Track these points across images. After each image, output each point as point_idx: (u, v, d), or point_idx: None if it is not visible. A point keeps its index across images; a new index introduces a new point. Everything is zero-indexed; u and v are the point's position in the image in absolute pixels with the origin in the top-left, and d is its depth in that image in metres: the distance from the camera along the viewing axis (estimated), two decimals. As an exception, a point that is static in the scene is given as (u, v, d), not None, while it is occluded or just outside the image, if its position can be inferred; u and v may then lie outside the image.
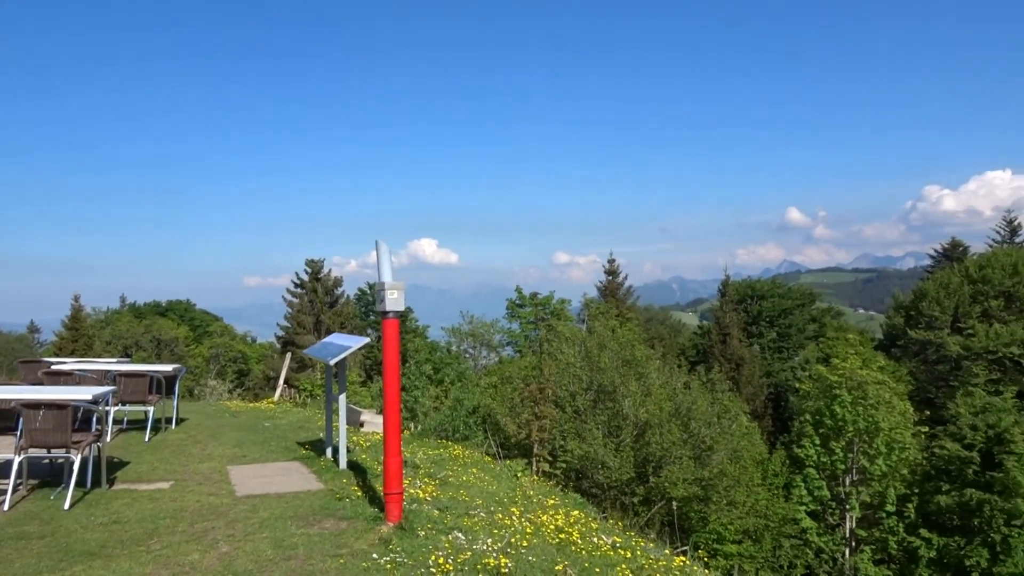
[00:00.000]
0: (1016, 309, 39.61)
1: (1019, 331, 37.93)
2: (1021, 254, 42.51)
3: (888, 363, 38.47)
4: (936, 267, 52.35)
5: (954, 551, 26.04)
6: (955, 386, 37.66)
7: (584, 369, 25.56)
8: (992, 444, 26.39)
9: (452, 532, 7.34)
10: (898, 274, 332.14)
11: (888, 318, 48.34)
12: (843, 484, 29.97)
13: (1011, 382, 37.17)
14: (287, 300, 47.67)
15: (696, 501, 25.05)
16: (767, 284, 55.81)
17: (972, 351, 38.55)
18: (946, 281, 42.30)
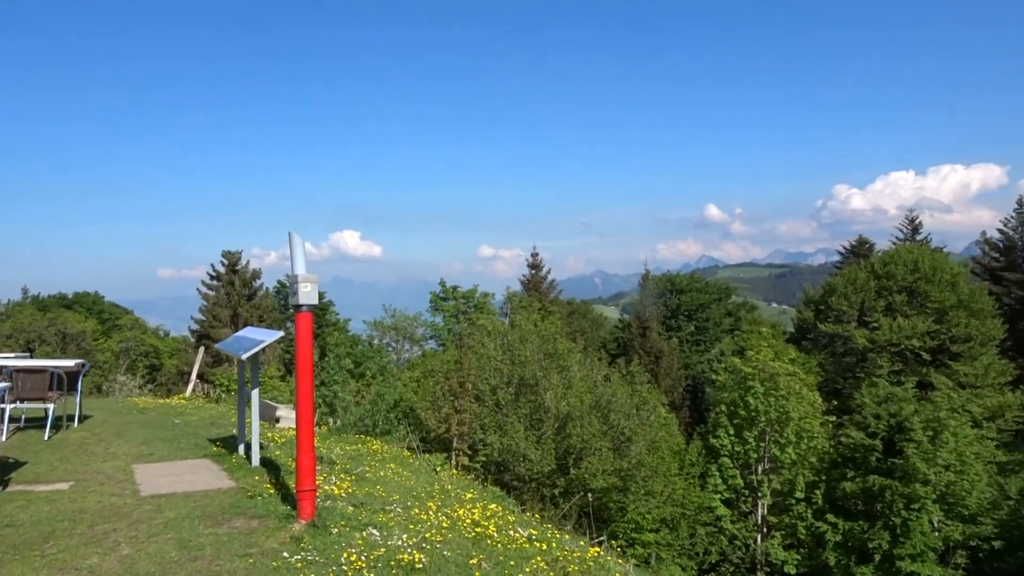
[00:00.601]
0: (917, 304, 41.59)
1: (920, 325, 39.88)
2: (922, 251, 44.64)
3: (799, 355, 39.86)
4: (844, 263, 54.54)
5: (858, 535, 27.23)
6: (861, 377, 39.35)
7: (506, 362, 25.61)
8: (894, 432, 27.67)
9: (366, 528, 7.23)
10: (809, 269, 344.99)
11: (799, 312, 50.12)
12: (755, 472, 30.99)
13: (912, 373, 39.05)
14: (202, 293, 46.21)
15: (615, 491, 25.46)
16: (686, 279, 57.10)
17: (877, 344, 40.35)
18: (853, 277, 44.09)
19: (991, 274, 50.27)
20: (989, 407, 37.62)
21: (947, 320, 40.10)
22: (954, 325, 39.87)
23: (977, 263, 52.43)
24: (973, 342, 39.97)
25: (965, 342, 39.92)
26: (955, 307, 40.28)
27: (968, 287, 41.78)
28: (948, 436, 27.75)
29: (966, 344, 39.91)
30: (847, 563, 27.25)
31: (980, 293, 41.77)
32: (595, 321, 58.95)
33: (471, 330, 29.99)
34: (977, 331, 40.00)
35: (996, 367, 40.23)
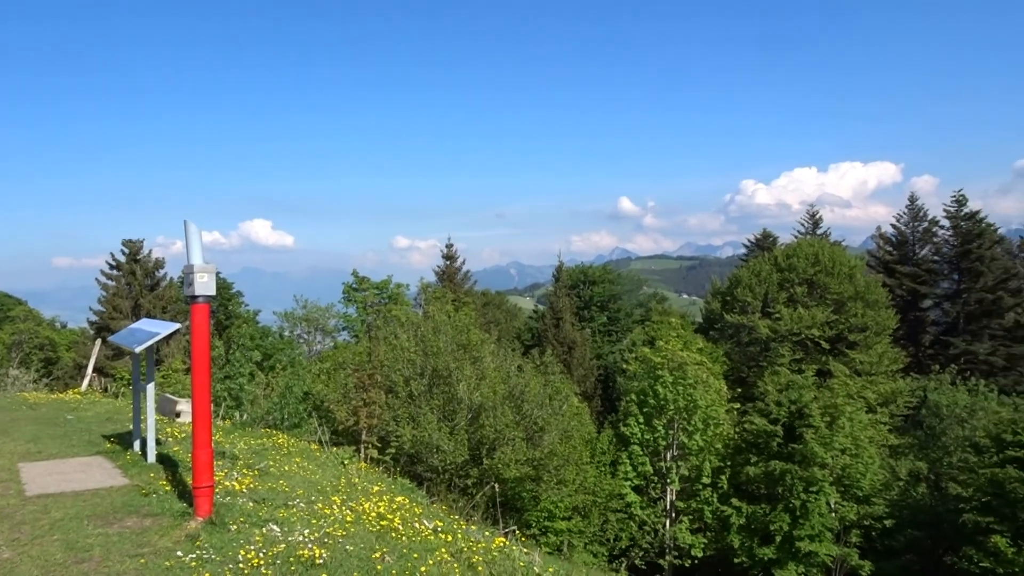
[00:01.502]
0: (817, 295, 43.36)
1: (819, 315, 41.59)
2: (822, 245, 46.55)
3: (706, 345, 41.02)
4: (750, 256, 56.39)
5: (761, 517, 28.27)
6: (764, 366, 40.81)
7: (419, 353, 25.43)
8: (794, 419, 28.80)
9: (267, 524, 7.04)
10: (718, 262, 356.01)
11: (707, 303, 51.57)
12: (664, 459, 31.77)
13: (812, 361, 40.70)
14: (102, 283, 44.15)
15: (528, 481, 25.65)
16: (599, 270, 57.95)
17: (779, 333, 41.88)
18: (757, 269, 45.60)
19: (885, 267, 52.92)
20: (882, 393, 39.68)
21: (844, 310, 41.95)
22: (851, 315, 41.74)
23: (872, 256, 55.04)
24: (868, 331, 41.95)
25: (861, 331, 41.86)
26: (852, 298, 42.16)
27: (864, 279, 43.80)
28: (844, 421, 29.09)
29: (862, 333, 41.85)
30: (750, 545, 28.25)
31: (875, 285, 43.87)
32: (510, 312, 59.24)
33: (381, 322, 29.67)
34: (872, 321, 42.00)
35: (889, 355, 42.37)
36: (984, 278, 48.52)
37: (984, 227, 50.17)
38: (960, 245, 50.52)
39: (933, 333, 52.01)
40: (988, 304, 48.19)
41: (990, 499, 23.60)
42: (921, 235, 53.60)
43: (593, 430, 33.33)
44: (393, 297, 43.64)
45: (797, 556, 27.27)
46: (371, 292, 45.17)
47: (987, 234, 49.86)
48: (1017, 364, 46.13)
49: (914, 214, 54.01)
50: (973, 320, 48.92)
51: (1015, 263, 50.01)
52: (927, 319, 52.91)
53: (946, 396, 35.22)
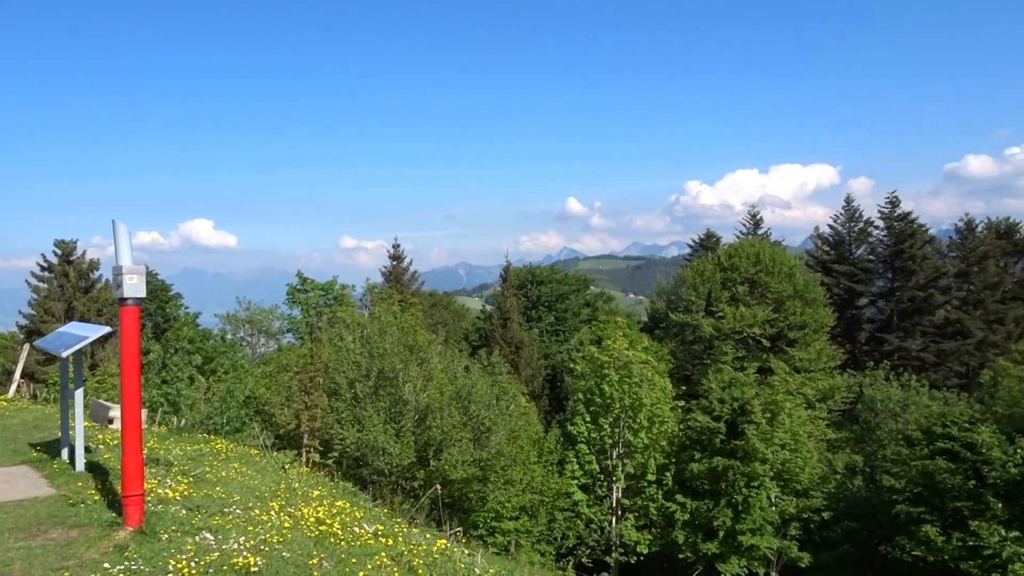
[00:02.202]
0: (758, 294, 44.24)
1: (760, 313, 42.46)
2: (763, 245, 47.52)
3: (652, 344, 41.54)
4: (694, 256, 57.28)
5: (704, 513, 28.73)
6: (708, 364, 41.49)
7: (364, 355, 25.19)
8: (737, 415, 29.34)
9: (200, 533, 6.86)
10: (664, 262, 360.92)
11: (652, 302, 52.23)
12: (611, 457, 32.06)
13: (753, 359, 41.57)
14: (32, 285, 42.61)
15: (475, 482, 25.62)
16: (546, 270, 58.20)
17: (722, 332, 42.62)
18: (701, 269, 46.35)
19: (823, 266, 54.30)
20: (820, 389, 40.71)
21: (784, 309, 42.89)
22: (790, 314, 42.71)
23: (811, 256, 56.42)
24: (807, 329, 42.97)
25: (800, 329, 42.86)
26: (791, 297, 43.15)
27: (803, 278, 44.87)
28: (784, 417, 29.76)
29: (801, 331, 42.85)
30: (694, 540, 28.70)
31: (813, 284, 44.97)
32: (457, 312, 59.08)
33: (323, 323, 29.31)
34: (811, 319, 43.03)
35: (827, 352, 43.47)
36: (916, 277, 50.17)
37: (916, 227, 51.88)
38: (893, 245, 52.15)
39: (868, 330, 53.56)
40: (920, 302, 49.85)
41: (921, 490, 24.40)
42: (857, 235, 55.13)
43: (540, 429, 33.45)
44: (338, 298, 43.12)
45: (739, 550, 27.80)
46: (316, 293, 44.56)
47: (919, 234, 51.57)
48: (947, 360, 47.81)
49: (850, 215, 55.53)
50: (906, 317, 50.55)
51: (944, 262, 51.82)
52: (863, 317, 54.48)
53: (880, 391, 36.29)
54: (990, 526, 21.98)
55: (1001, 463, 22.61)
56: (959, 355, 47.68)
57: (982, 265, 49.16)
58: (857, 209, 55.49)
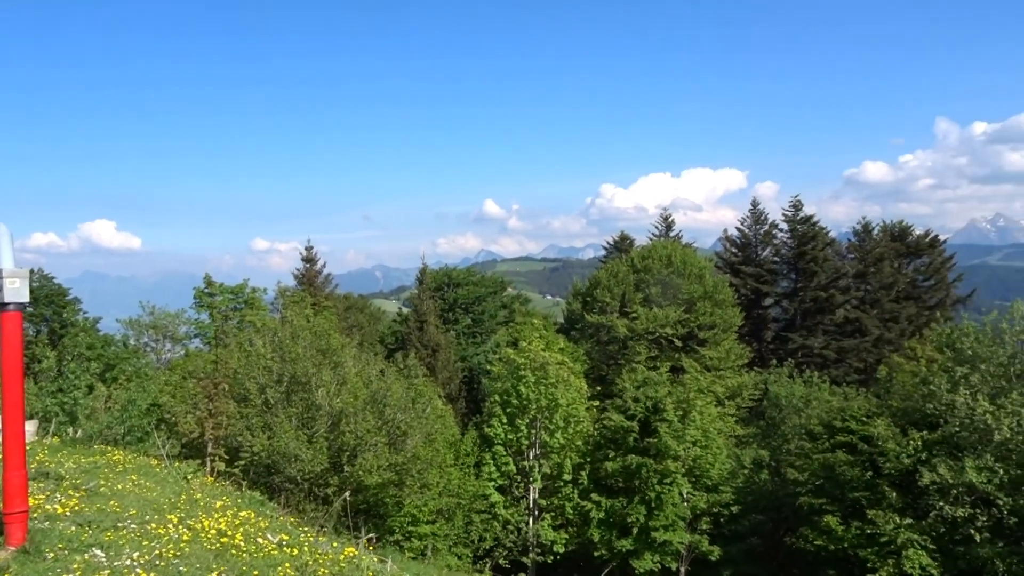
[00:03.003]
0: (671, 295, 45.30)
1: (672, 314, 43.48)
2: (675, 247, 48.74)
3: (568, 345, 41.97)
4: (609, 258, 58.26)
5: (619, 510, 29.24)
6: (622, 363, 42.23)
7: (276, 360, 24.58)
8: (650, 414, 29.98)
9: (90, 550, 6.51)
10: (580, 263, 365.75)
11: (568, 304, 52.82)
12: (527, 458, 32.26)
13: (666, 358, 42.57)
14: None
15: (391, 486, 25.33)
16: (463, 272, 58.14)
17: (636, 332, 43.46)
18: (615, 270, 47.18)
19: (731, 267, 56.09)
20: (729, 387, 42.03)
21: (695, 309, 44.06)
22: (701, 314, 43.90)
23: (720, 257, 58.21)
24: (716, 329, 44.27)
25: (710, 329, 44.11)
26: (702, 298, 44.37)
27: (712, 279, 46.23)
28: (695, 415, 30.57)
29: (711, 331, 44.11)
30: (609, 538, 29.16)
31: (722, 285, 46.40)
32: (373, 315, 58.35)
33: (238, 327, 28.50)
34: (720, 319, 44.35)
35: (735, 351, 44.90)
36: (817, 278, 52.37)
37: (817, 230, 54.15)
38: (797, 247, 54.29)
39: (774, 329, 55.60)
40: (821, 302, 52.05)
41: (823, 482, 25.44)
42: (763, 238, 57.17)
43: (457, 432, 33.35)
44: (249, 302, 41.94)
45: (653, 546, 28.39)
46: (225, 297, 43.20)
47: (820, 237, 53.85)
48: (846, 357, 50.08)
49: (756, 218, 57.54)
50: (808, 316, 52.70)
51: (844, 264, 54.28)
52: (768, 316, 56.53)
53: (785, 388, 37.67)
54: (885, 514, 23.10)
55: (895, 454, 23.80)
56: (858, 352, 50.01)
57: (878, 266, 51.72)
58: (763, 212, 57.59)
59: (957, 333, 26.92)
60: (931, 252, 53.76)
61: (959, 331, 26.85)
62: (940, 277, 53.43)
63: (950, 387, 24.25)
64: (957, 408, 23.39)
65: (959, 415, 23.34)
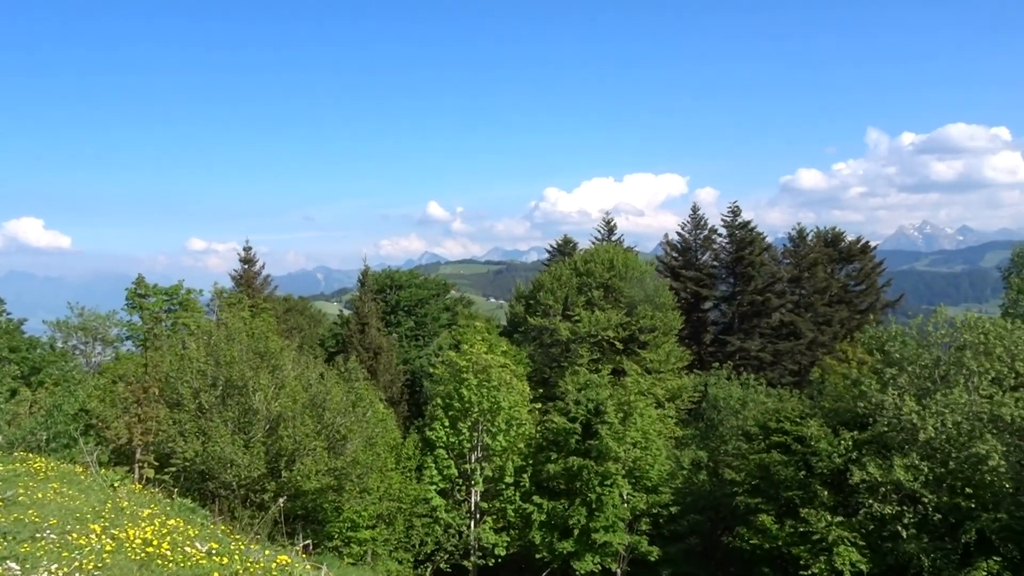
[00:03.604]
0: (612, 298, 45.76)
1: (614, 317, 43.91)
2: (616, 251, 49.23)
3: (511, 347, 42.01)
4: (552, 261, 58.51)
5: (560, 512, 29.39)
6: (565, 366, 42.46)
7: (211, 363, 24.03)
8: (591, 416, 30.21)
9: (4, 563, 6.22)
10: (524, 266, 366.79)
11: (511, 307, 52.88)
12: (469, 461, 32.16)
13: (608, 361, 42.97)
14: None
15: (330, 491, 24.99)
16: (406, 275, 57.72)
17: (578, 335, 43.75)
18: (559, 273, 47.42)
19: (671, 271, 56.91)
20: (669, 389, 42.60)
21: (636, 312, 44.57)
22: (642, 317, 44.43)
23: (661, 262, 59.00)
24: (657, 332, 44.86)
25: (651, 332, 44.68)
26: (643, 301, 44.90)
27: (653, 283, 46.83)
28: (636, 417, 30.96)
29: (651, 334, 44.69)
30: (551, 540, 29.29)
31: (663, 288, 47.06)
32: (314, 318, 57.49)
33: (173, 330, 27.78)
34: (660, 322, 44.95)
35: (675, 354, 45.57)
36: (754, 282, 53.51)
37: (755, 236, 55.35)
38: (735, 252, 55.40)
39: (713, 332, 56.61)
40: (758, 305, 53.21)
41: (758, 482, 26.01)
42: (702, 242, 58.19)
43: (399, 436, 33.07)
44: (183, 304, 40.85)
45: (593, 547, 28.61)
46: (159, 299, 41.99)
47: (757, 242, 55.05)
48: (782, 359, 51.29)
49: (696, 223, 58.51)
50: (746, 320, 53.82)
51: (780, 268, 55.60)
52: (708, 319, 57.54)
53: (723, 390, 38.37)
54: (818, 513, 23.72)
55: (827, 454, 24.46)
56: (792, 354, 51.27)
57: (812, 271, 53.12)
58: (703, 218, 58.55)
59: (886, 336, 27.80)
60: (862, 258, 55.47)
61: (888, 334, 27.74)
62: (870, 282, 55.20)
63: (879, 388, 25.02)
64: (885, 408, 24.16)
65: (887, 415, 24.11)
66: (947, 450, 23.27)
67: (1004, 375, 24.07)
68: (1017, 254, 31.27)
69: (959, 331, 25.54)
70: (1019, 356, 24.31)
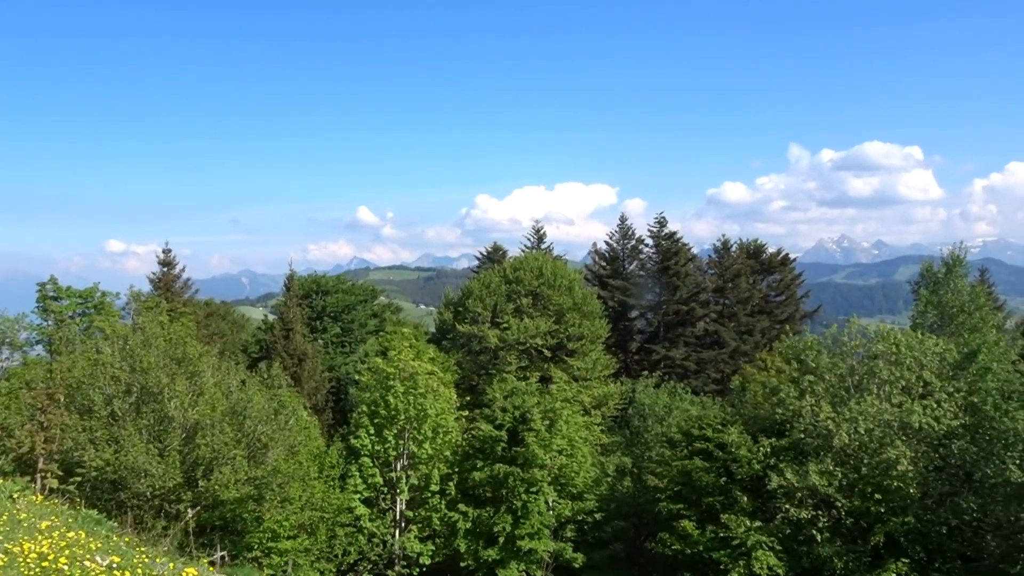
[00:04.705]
0: (541, 306, 46.01)
1: (543, 324, 44.14)
2: (545, 259, 49.55)
3: (439, 355, 41.75)
4: (482, 268, 58.49)
5: (486, 520, 29.30)
6: (493, 374, 42.46)
7: (125, 369, 23.18)
8: (518, 423, 30.24)
9: None
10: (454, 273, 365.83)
11: (440, 313, 52.61)
12: (395, 469, 31.80)
13: (536, 368, 43.16)
14: None
15: (250, 501, 24.38)
16: (332, 280, 56.81)
17: (507, 342, 43.81)
18: (488, 281, 47.41)
19: (600, 280, 57.63)
20: (596, 396, 43.06)
21: (564, 320, 44.90)
22: (570, 325, 44.78)
23: (589, 270, 59.71)
24: (584, 340, 45.29)
25: (578, 340, 45.07)
26: (571, 309, 45.28)
27: (582, 291, 47.29)
28: (562, 424, 31.15)
29: (579, 342, 45.09)
30: (476, 548, 29.15)
31: (591, 297, 47.58)
32: (236, 323, 56.03)
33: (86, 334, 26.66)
34: (588, 330, 45.41)
35: (602, 361, 46.08)
36: (680, 291, 54.64)
37: (680, 246, 56.54)
38: (661, 262, 56.44)
39: (639, 341, 57.52)
40: (683, 315, 54.34)
41: (681, 488, 26.49)
42: (629, 252, 59.11)
43: (323, 444, 32.43)
44: (98, 307, 39.22)
45: (519, 555, 28.62)
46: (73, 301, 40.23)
47: (682, 252, 56.25)
48: (705, 367, 52.45)
49: (624, 233, 59.44)
50: (671, 329, 54.86)
51: (704, 278, 56.92)
52: (634, 328, 58.43)
53: (649, 397, 39.00)
54: (737, 518, 24.31)
55: (747, 460, 25.10)
56: (716, 363, 52.47)
57: (735, 282, 54.51)
58: (630, 227, 59.52)
59: (802, 346, 28.73)
60: (783, 269, 57.26)
61: (804, 344, 28.66)
62: (790, 293, 57.04)
63: (797, 396, 25.83)
64: (802, 416, 24.96)
65: (804, 422, 24.91)
66: (860, 456, 24.19)
67: (913, 384, 25.15)
68: (926, 268, 32.76)
69: (872, 341, 26.60)
70: (927, 366, 25.44)
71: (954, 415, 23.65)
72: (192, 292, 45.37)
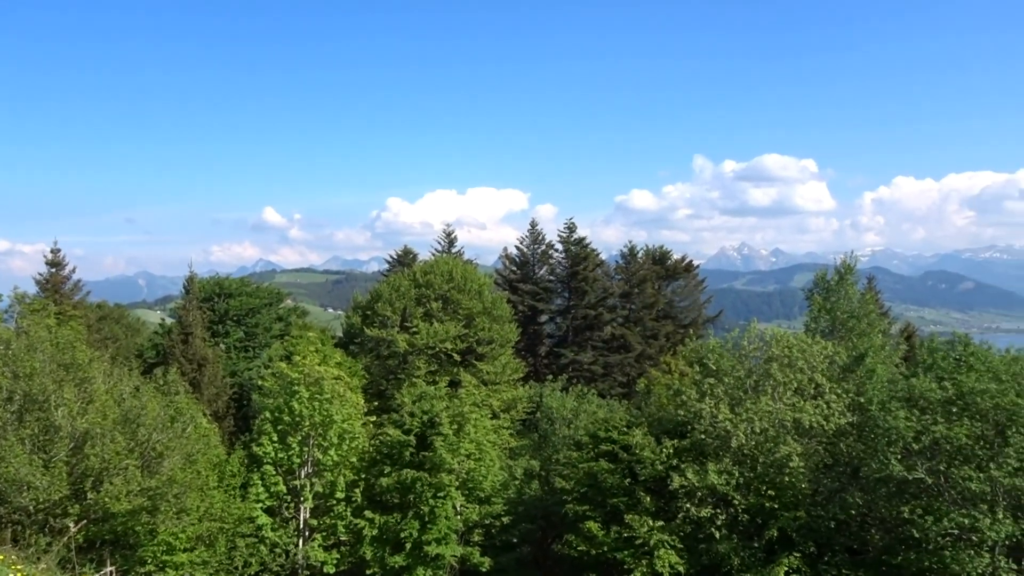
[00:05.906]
0: (451, 310, 45.88)
1: (452, 329, 44.01)
2: (456, 263, 49.47)
3: (346, 359, 41.04)
4: (391, 271, 57.95)
5: (393, 526, 28.95)
6: (402, 378, 42.06)
7: (7, 376, 21.86)
8: (426, 428, 30.03)
9: None
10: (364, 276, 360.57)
11: (348, 317, 51.79)
12: (299, 477, 31.06)
13: (445, 373, 42.95)
14: None
15: (144, 513, 23.36)
16: (235, 282, 55.02)
17: (416, 347, 43.46)
18: (397, 284, 46.96)
19: (510, 284, 57.97)
20: (505, 400, 43.25)
21: (474, 325, 44.94)
22: (480, 329, 44.85)
23: (500, 275, 60.01)
24: (494, 344, 45.44)
25: (488, 344, 45.18)
26: (481, 313, 45.37)
27: (492, 296, 47.44)
28: (470, 428, 31.10)
29: (489, 346, 45.20)
30: (382, 555, 28.73)
31: (501, 301, 47.77)
32: (131, 327, 53.61)
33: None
34: (498, 334, 45.58)
35: (511, 365, 46.33)
36: (588, 296, 55.61)
37: (589, 252, 57.57)
38: (570, 267, 57.32)
39: (548, 345, 58.23)
40: (591, 319, 55.31)
41: (587, 489, 26.90)
42: (540, 257, 59.76)
43: (223, 452, 31.35)
44: (-23, 309, 36.81)
45: (426, 560, 28.38)
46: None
47: (591, 258, 57.28)
48: (612, 371, 53.51)
49: (534, 238, 60.04)
50: (579, 333, 55.74)
51: (612, 284, 58.11)
52: (543, 332, 59.12)
53: (557, 401, 39.44)
54: (641, 518, 24.86)
55: (650, 461, 25.70)
56: (622, 367, 53.61)
57: (641, 287, 55.88)
58: (541, 233, 60.16)
59: (704, 349, 29.67)
60: (686, 276, 59.05)
61: (706, 348, 29.61)
62: (694, 298, 58.90)
63: (698, 398, 26.65)
64: (703, 417, 25.76)
65: (704, 423, 25.72)
66: (755, 455, 25.17)
67: (805, 385, 26.35)
68: (820, 277, 34.41)
69: (768, 345, 27.72)
70: (818, 368, 26.70)
71: (842, 414, 24.92)
72: (83, 294, 43.15)
